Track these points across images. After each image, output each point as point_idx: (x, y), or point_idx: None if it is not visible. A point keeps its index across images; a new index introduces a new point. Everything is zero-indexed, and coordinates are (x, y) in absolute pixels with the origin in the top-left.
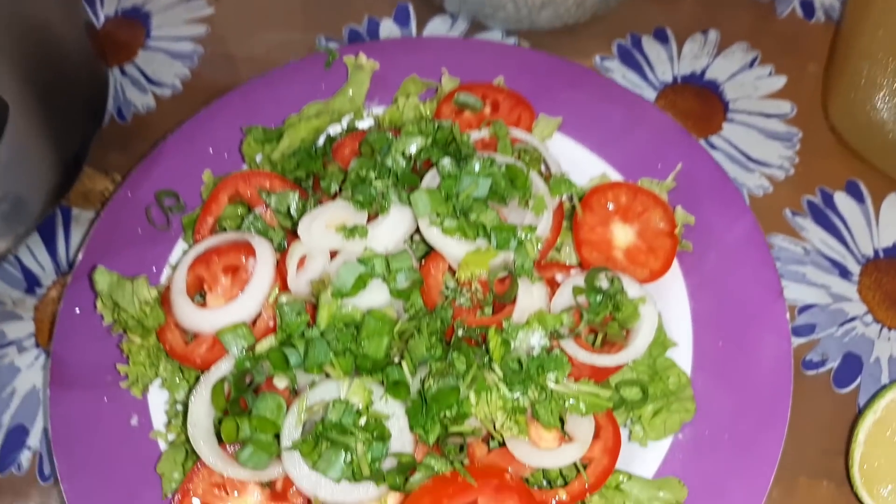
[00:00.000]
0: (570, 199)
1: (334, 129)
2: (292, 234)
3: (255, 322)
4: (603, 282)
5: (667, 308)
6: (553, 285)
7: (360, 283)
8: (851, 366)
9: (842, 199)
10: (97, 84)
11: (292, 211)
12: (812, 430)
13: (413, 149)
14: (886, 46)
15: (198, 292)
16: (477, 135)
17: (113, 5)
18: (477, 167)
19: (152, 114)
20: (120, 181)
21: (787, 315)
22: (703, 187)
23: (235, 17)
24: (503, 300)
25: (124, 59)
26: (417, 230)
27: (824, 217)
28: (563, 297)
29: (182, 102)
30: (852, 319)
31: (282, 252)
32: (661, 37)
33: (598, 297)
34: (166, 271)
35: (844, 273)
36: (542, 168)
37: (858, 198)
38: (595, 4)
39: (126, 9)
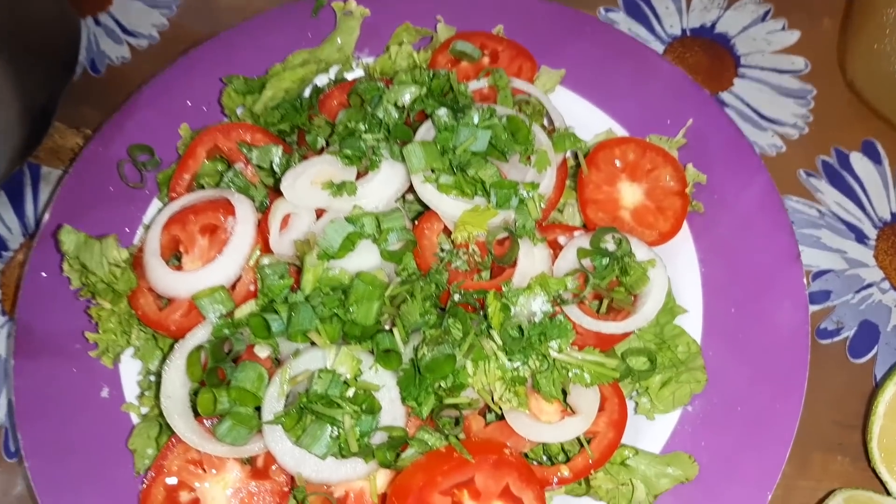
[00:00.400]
0: (574, 156)
1: (321, 80)
2: (275, 191)
3: (234, 286)
4: (609, 243)
5: (676, 273)
6: (555, 248)
7: (349, 243)
8: (868, 334)
9: (857, 160)
10: (68, 34)
11: (275, 166)
12: (826, 402)
13: (406, 99)
14: None
15: (173, 254)
16: (475, 85)
17: None
18: (476, 118)
19: (127, 66)
20: (93, 133)
21: (804, 280)
22: (715, 144)
23: None
24: (502, 263)
25: (98, 8)
26: (410, 188)
27: (840, 178)
28: (567, 261)
29: (159, 54)
30: (869, 286)
31: (264, 211)
32: None
33: (605, 260)
34: (140, 232)
35: (861, 237)
36: (545, 122)
37: (875, 158)
38: None
39: None
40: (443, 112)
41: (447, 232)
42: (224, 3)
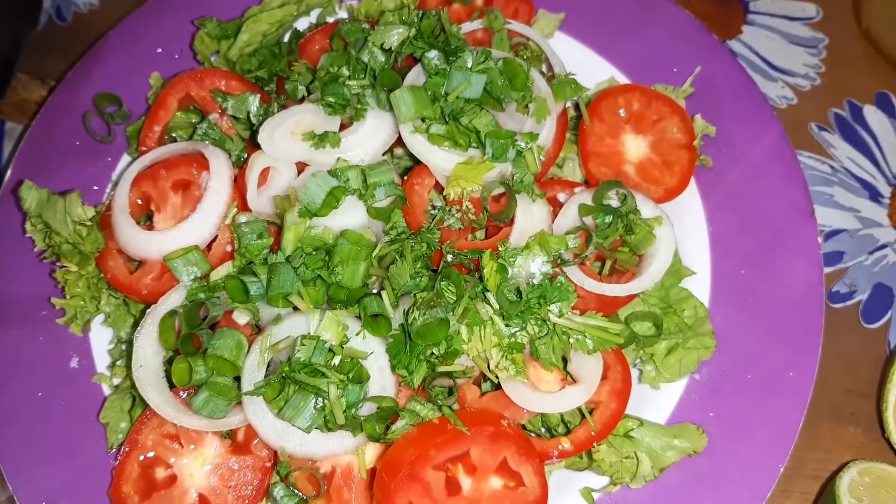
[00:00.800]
0: (575, 106)
1: (302, 24)
2: (252, 144)
3: (209, 246)
4: (613, 200)
5: (682, 232)
6: (555, 205)
7: (332, 199)
8: (881, 298)
9: (871, 113)
10: None
11: (252, 117)
12: (837, 369)
13: (394, 40)
14: None
15: (144, 213)
16: (468, 27)
17: None
18: (469, 62)
19: (95, 12)
20: (57, 83)
21: (819, 239)
22: (724, 94)
23: None
24: (499, 221)
25: None
26: (399, 142)
27: (853, 132)
28: (568, 218)
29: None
30: (883, 247)
31: (241, 165)
32: None
33: (608, 218)
34: (109, 190)
35: (875, 195)
36: (544, 68)
37: (889, 112)
38: None
39: None
40: (433, 55)
41: (439, 188)
42: None
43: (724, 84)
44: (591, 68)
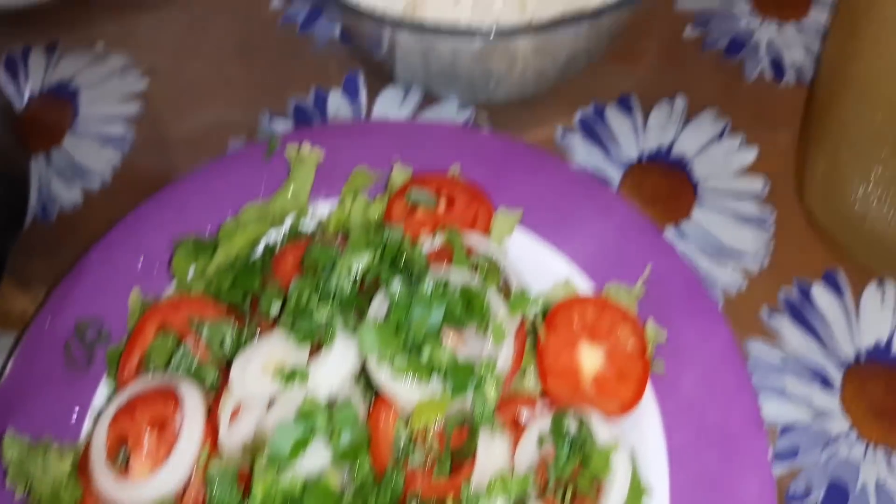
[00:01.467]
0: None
1: (274, 236)
2: (228, 370)
3: (185, 489)
4: (571, 425)
5: (641, 442)
6: (517, 427)
7: (300, 446)
8: (836, 499)
9: (820, 293)
10: (17, 181)
11: (225, 348)
12: None
13: (359, 269)
14: (872, 123)
15: (122, 449)
16: (430, 246)
17: (38, 80)
18: (429, 291)
19: (79, 211)
20: (40, 303)
21: (770, 453)
22: (674, 294)
23: (171, 90)
24: (462, 456)
25: (49, 144)
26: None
27: (801, 315)
28: (527, 451)
29: (112, 197)
30: (835, 440)
31: (216, 391)
32: (625, 105)
33: (566, 448)
34: (88, 424)
35: (825, 382)
36: (502, 283)
37: (836, 290)
38: (556, 77)
39: (52, 85)
40: (395, 286)
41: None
42: (177, 136)
43: (673, 284)
44: (548, 264)
